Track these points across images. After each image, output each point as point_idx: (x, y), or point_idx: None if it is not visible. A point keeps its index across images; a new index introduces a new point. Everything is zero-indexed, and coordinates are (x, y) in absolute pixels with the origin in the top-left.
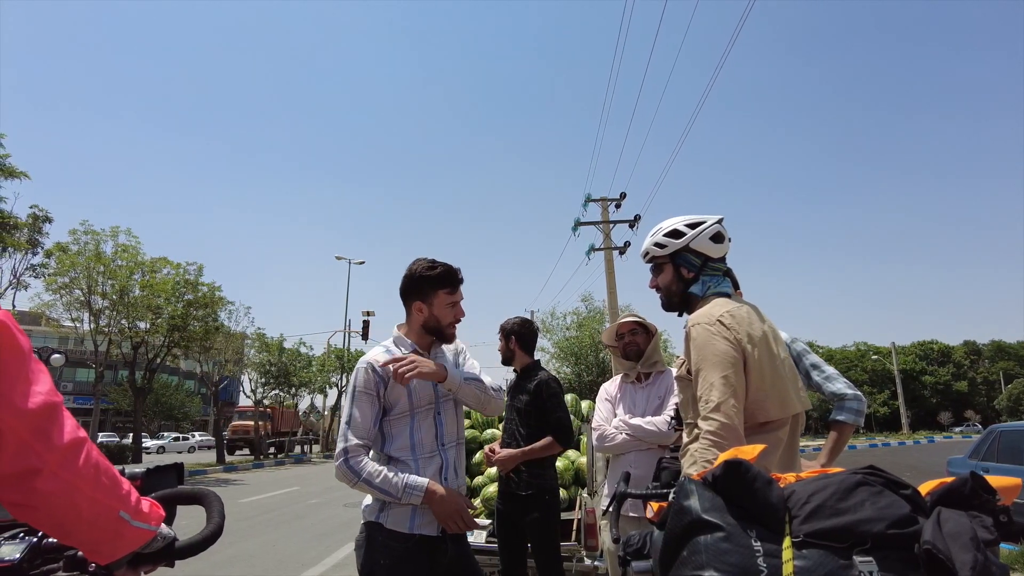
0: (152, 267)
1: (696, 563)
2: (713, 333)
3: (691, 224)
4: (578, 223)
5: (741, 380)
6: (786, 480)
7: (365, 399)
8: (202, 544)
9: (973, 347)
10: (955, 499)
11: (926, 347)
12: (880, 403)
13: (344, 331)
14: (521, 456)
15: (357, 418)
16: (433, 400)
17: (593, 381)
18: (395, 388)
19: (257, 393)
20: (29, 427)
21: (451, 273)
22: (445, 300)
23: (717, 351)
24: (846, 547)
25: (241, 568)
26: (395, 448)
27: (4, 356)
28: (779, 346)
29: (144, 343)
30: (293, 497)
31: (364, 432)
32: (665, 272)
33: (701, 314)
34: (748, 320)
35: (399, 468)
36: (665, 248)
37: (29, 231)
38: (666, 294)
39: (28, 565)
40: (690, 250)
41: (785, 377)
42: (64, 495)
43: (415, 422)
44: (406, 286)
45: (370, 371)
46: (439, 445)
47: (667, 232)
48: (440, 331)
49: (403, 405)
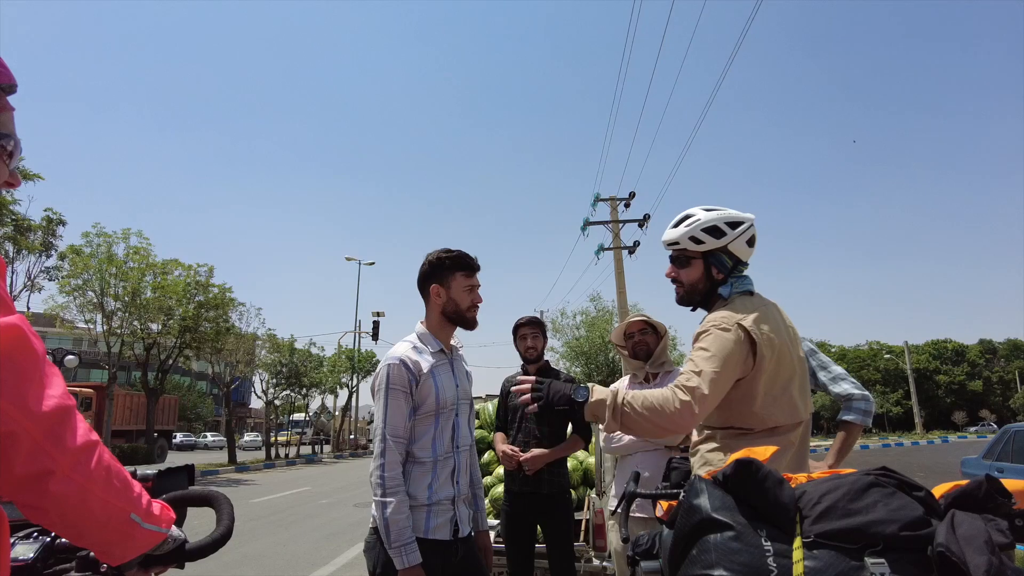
0: (164, 269)
1: (706, 562)
2: (730, 335)
3: (731, 223)
4: (587, 222)
5: (729, 382)
6: (797, 480)
7: (400, 395)
8: (212, 546)
9: (989, 346)
10: (970, 502)
11: (940, 346)
12: (893, 403)
13: (355, 332)
14: (551, 456)
15: (393, 415)
16: (455, 403)
17: (603, 381)
18: (424, 386)
19: (268, 394)
20: (43, 430)
21: (466, 256)
22: (462, 283)
23: (726, 347)
24: (858, 548)
25: (252, 568)
26: (418, 447)
27: (19, 359)
28: (797, 350)
29: (156, 344)
30: (304, 497)
31: (401, 429)
32: (693, 268)
33: (722, 316)
34: (772, 325)
35: (418, 468)
36: (702, 245)
37: (43, 234)
38: (688, 290)
39: (42, 565)
40: (726, 251)
41: (799, 383)
42: (77, 497)
43: (439, 423)
44: (423, 272)
45: (402, 367)
46: (454, 448)
47: (706, 228)
48: (460, 316)
49: (429, 405)
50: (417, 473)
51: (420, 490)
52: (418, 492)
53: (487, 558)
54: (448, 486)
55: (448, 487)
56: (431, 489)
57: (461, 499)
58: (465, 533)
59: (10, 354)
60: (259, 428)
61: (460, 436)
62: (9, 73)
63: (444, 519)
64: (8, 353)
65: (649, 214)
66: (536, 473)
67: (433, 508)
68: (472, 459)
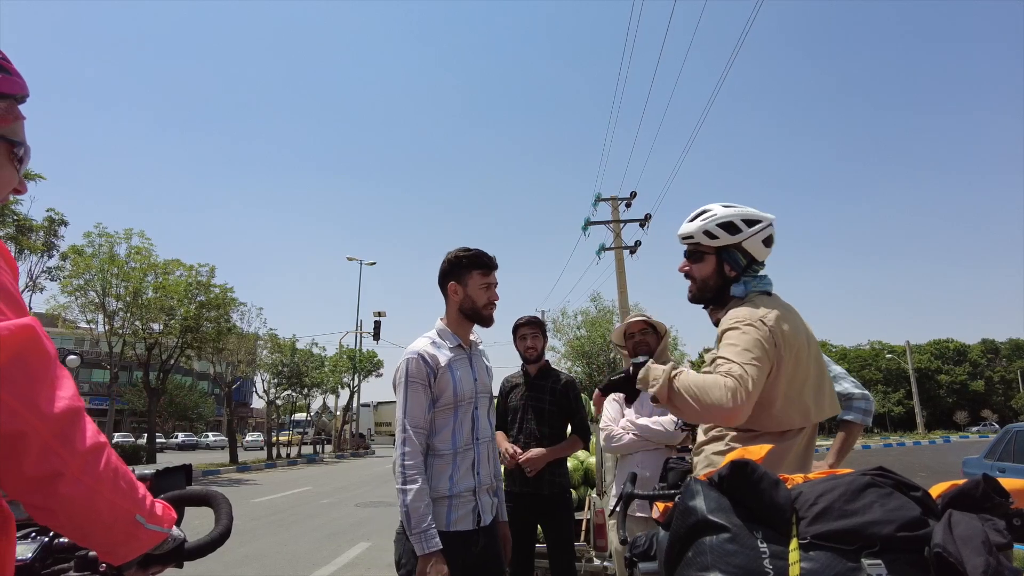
0: (165, 269)
1: (701, 564)
2: (758, 332)
3: (748, 221)
4: (588, 222)
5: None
6: (794, 481)
7: (419, 388)
8: (211, 545)
9: (991, 345)
10: (967, 502)
11: (942, 346)
12: (895, 402)
13: (356, 331)
14: (550, 455)
15: (412, 407)
16: (473, 396)
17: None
18: (442, 379)
19: (270, 393)
20: (53, 431)
21: (483, 254)
22: (479, 281)
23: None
24: (854, 549)
25: (253, 567)
26: (438, 439)
27: (30, 360)
28: (813, 351)
29: (158, 344)
30: (305, 497)
31: (421, 420)
32: (706, 264)
33: (744, 312)
34: (792, 325)
35: (439, 461)
36: (716, 240)
37: (45, 234)
38: (700, 286)
39: (40, 564)
40: (740, 248)
41: (816, 385)
42: (85, 499)
43: (458, 416)
44: (442, 270)
45: (420, 361)
46: (474, 439)
47: (721, 223)
48: (476, 312)
49: (448, 397)
50: (438, 466)
51: (442, 482)
52: (440, 484)
53: (506, 548)
54: (469, 477)
55: (469, 478)
56: (452, 481)
57: (483, 489)
58: (487, 522)
59: (22, 355)
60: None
61: (480, 428)
62: (23, 83)
63: (466, 510)
64: (20, 354)
65: (650, 214)
66: (537, 473)
67: (454, 500)
68: (492, 451)
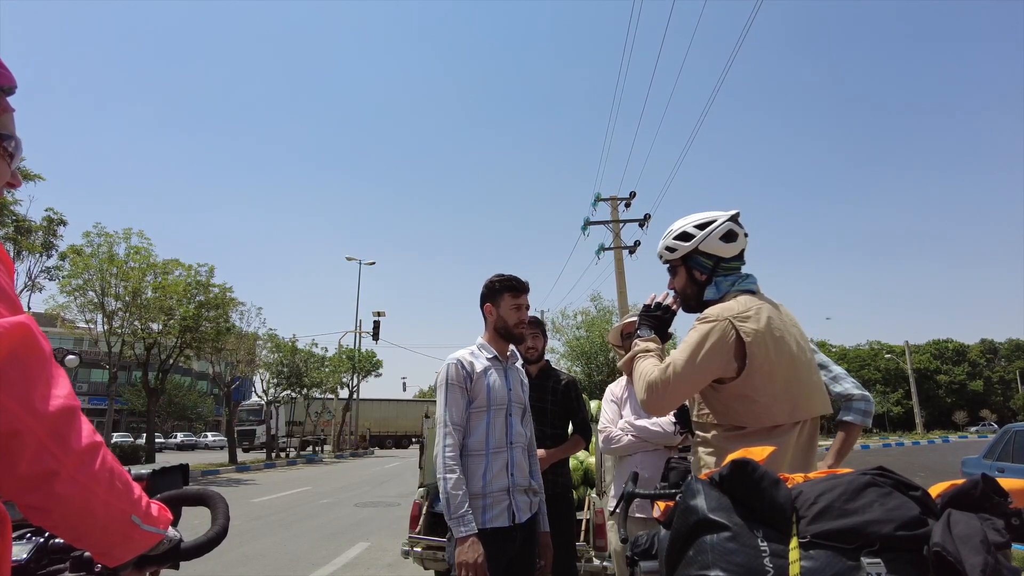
0: (164, 269)
1: (702, 563)
2: (709, 329)
3: (700, 225)
4: (588, 222)
5: (707, 377)
6: (794, 480)
7: (457, 390)
8: (207, 546)
9: (990, 345)
10: (966, 501)
11: (941, 346)
12: (894, 402)
13: (355, 331)
14: (553, 457)
15: (452, 406)
16: (506, 402)
17: (603, 381)
18: (478, 383)
19: (269, 393)
20: (48, 430)
21: (515, 279)
22: (510, 303)
23: (703, 342)
24: (854, 548)
25: (252, 567)
26: (472, 440)
27: (26, 359)
28: (803, 348)
29: (157, 344)
30: (304, 497)
31: (459, 417)
32: (679, 275)
33: (708, 312)
34: (766, 321)
35: (474, 461)
36: (676, 251)
37: (44, 234)
38: (682, 297)
39: (35, 565)
40: (700, 252)
41: (802, 381)
42: (80, 498)
43: (490, 419)
44: (482, 295)
45: (459, 367)
46: (507, 443)
47: (677, 235)
48: (508, 331)
49: (481, 400)
50: (473, 466)
51: (475, 480)
52: (474, 483)
53: (546, 556)
54: (503, 477)
55: (503, 478)
56: (485, 479)
57: (517, 489)
58: (522, 520)
59: (17, 353)
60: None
61: (514, 433)
62: (9, 74)
63: (500, 508)
64: (15, 352)
65: (650, 214)
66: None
67: (488, 498)
68: (530, 457)
